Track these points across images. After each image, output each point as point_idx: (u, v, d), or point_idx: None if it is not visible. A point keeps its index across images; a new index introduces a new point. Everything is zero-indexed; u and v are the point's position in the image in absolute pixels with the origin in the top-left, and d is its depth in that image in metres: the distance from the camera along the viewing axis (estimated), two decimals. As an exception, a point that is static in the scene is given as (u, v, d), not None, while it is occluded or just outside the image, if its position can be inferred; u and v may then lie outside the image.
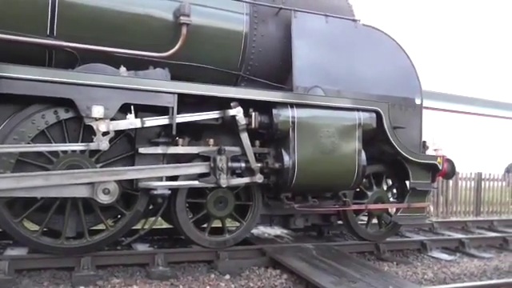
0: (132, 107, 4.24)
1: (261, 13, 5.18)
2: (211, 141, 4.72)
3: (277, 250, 5.08)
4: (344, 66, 5.35)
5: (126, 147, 4.50)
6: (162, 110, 4.37)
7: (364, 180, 5.52)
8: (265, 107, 4.78)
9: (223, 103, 4.62)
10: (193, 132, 4.77)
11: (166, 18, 4.66)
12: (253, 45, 5.11)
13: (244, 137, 4.72)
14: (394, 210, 6.00)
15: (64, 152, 4.18)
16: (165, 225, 6.14)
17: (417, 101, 5.75)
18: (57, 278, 4.19)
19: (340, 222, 6.08)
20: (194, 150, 4.67)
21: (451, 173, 6.01)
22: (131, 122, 4.26)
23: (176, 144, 4.56)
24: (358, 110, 5.14)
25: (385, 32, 5.67)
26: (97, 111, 4.09)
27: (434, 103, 19.87)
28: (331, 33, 5.35)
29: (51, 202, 4.19)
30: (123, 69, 4.34)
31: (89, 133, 4.18)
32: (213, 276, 4.48)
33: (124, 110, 4.23)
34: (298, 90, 5.00)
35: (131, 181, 4.39)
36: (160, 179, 4.45)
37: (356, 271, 4.37)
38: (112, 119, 4.17)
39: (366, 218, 6.12)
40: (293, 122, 4.79)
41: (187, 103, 4.51)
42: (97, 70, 4.23)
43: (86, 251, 4.38)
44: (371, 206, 5.74)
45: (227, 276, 4.49)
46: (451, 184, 10.96)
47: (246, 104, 4.69)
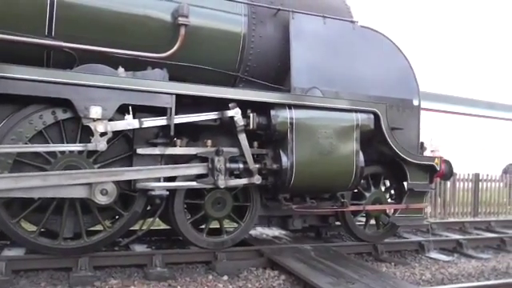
0: (130, 108, 4.24)
1: (259, 14, 5.19)
2: (209, 142, 4.72)
3: (275, 251, 5.09)
4: (342, 68, 5.35)
5: (124, 148, 4.49)
6: (160, 111, 4.37)
7: (362, 181, 5.53)
8: (263, 108, 4.79)
9: (221, 104, 4.62)
10: (191, 133, 4.77)
11: (165, 19, 4.66)
12: (251, 46, 5.11)
13: (242, 138, 4.72)
14: (392, 211, 6.00)
15: (62, 152, 4.17)
16: (162, 226, 6.13)
17: (414, 102, 5.77)
18: (54, 279, 4.19)
19: (338, 223, 6.08)
20: (192, 151, 4.66)
21: (449, 174, 6.02)
22: (129, 123, 4.25)
23: (174, 145, 4.56)
24: (356, 111, 5.15)
25: (383, 33, 5.68)
26: (95, 112, 4.08)
27: (432, 104, 19.92)
28: (329, 34, 5.36)
29: (49, 203, 4.17)
30: (121, 69, 4.33)
31: (87, 133, 4.17)
32: (211, 277, 4.48)
33: (122, 111, 4.22)
34: (296, 91, 5.00)
35: (129, 181, 4.38)
36: (158, 180, 4.45)
37: (354, 272, 4.38)
38: (110, 120, 4.17)
39: (364, 219, 6.13)
40: (291, 123, 4.80)
41: (185, 104, 4.51)
42: (95, 71, 4.22)
43: (84, 252, 4.37)
44: (369, 207, 5.74)
45: (225, 277, 4.48)
46: (449, 185, 10.99)
47: (244, 105, 4.69)
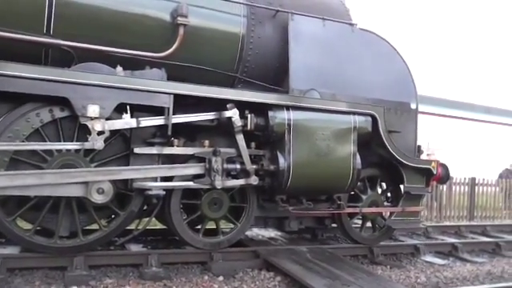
0: (128, 107, 4.23)
1: (258, 15, 5.19)
2: (206, 142, 4.72)
3: (271, 253, 5.08)
4: (340, 70, 5.36)
5: (121, 147, 4.49)
6: (158, 111, 4.36)
7: (359, 183, 5.53)
8: (261, 109, 4.79)
9: (219, 104, 4.62)
10: (188, 133, 4.76)
11: (164, 19, 4.65)
12: (250, 47, 5.11)
13: (239, 138, 4.72)
14: (388, 214, 6.01)
15: (58, 151, 4.16)
16: (159, 225, 6.12)
17: (412, 105, 5.77)
18: (49, 278, 4.17)
19: (334, 225, 6.08)
20: (189, 151, 4.66)
21: (445, 177, 6.04)
22: (127, 122, 4.25)
23: (171, 145, 4.56)
24: (354, 114, 5.16)
25: (381, 36, 5.69)
26: (92, 110, 4.07)
27: (429, 108, 19.96)
28: (328, 36, 5.37)
29: (45, 201, 4.17)
30: (120, 68, 4.32)
31: (84, 132, 4.16)
32: (206, 277, 4.47)
33: (120, 110, 4.22)
34: (294, 93, 5.01)
35: (126, 181, 4.38)
36: (155, 180, 4.44)
37: (349, 274, 4.38)
38: (107, 119, 4.16)
39: (361, 222, 6.14)
40: (288, 125, 4.80)
41: (183, 104, 4.51)
42: (93, 69, 4.21)
43: (79, 251, 4.36)
44: (365, 210, 5.75)
45: (221, 278, 4.48)
46: (445, 188, 11.02)
47: (242, 106, 4.70)
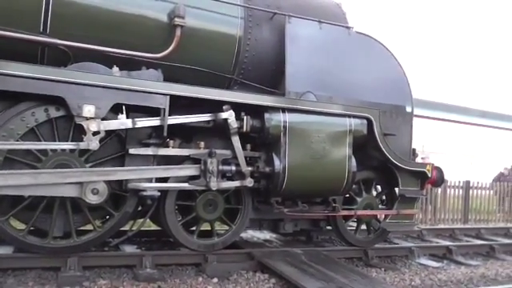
0: (123, 107, 4.22)
1: (255, 17, 5.20)
2: (202, 143, 4.71)
3: (265, 254, 5.08)
4: (336, 73, 5.37)
5: (117, 147, 4.47)
6: (154, 111, 4.35)
7: (354, 186, 5.54)
8: (257, 111, 4.79)
9: (215, 106, 4.62)
10: (184, 134, 4.75)
11: (161, 19, 4.65)
12: (246, 48, 5.12)
13: (235, 140, 4.72)
14: (383, 217, 6.03)
15: (53, 150, 4.14)
16: (153, 227, 6.10)
17: (407, 108, 5.80)
18: (42, 279, 4.14)
19: (329, 228, 6.09)
20: (185, 152, 4.65)
21: (440, 180, 6.06)
22: (122, 123, 4.24)
23: (167, 146, 4.55)
24: (350, 117, 5.17)
25: (378, 40, 5.72)
26: (88, 110, 4.06)
27: (425, 111, 20.03)
28: (325, 39, 5.39)
29: (39, 201, 4.14)
30: (116, 68, 4.32)
31: (79, 132, 4.14)
32: (200, 279, 4.46)
33: (115, 110, 4.21)
34: (291, 95, 5.02)
35: (120, 181, 4.36)
36: (150, 180, 4.43)
37: (344, 277, 4.38)
38: (103, 119, 4.15)
39: (355, 224, 6.15)
40: (284, 127, 4.81)
41: (179, 105, 4.50)
42: (89, 69, 4.20)
43: (73, 251, 4.33)
44: (360, 212, 5.76)
45: (215, 279, 4.47)
46: (440, 192, 11.05)
47: (238, 107, 4.70)
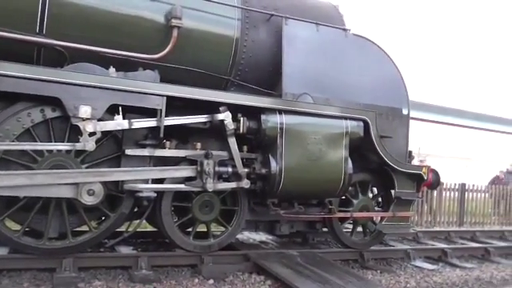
0: (120, 108, 4.21)
1: (252, 18, 5.20)
2: (198, 144, 4.70)
3: (261, 256, 5.08)
4: (333, 75, 5.38)
5: (113, 148, 4.46)
6: (150, 112, 4.35)
7: (350, 188, 5.55)
8: (253, 113, 4.79)
9: (211, 107, 4.62)
10: (180, 135, 4.75)
11: (158, 20, 4.65)
12: (243, 50, 5.12)
13: (232, 141, 4.72)
14: (379, 219, 6.04)
15: (49, 151, 4.13)
16: (149, 228, 6.09)
17: (404, 111, 5.81)
18: (38, 280, 4.13)
19: (325, 230, 6.09)
20: (181, 154, 4.65)
21: (436, 183, 6.08)
22: (119, 123, 4.23)
23: (163, 147, 4.54)
24: (346, 119, 5.18)
25: (374, 42, 5.73)
26: (84, 111, 4.05)
27: (420, 114, 20.09)
28: (322, 41, 5.39)
29: (34, 202, 4.13)
30: (112, 69, 4.31)
31: (75, 133, 4.13)
32: (196, 280, 4.45)
33: (112, 111, 4.20)
34: (287, 97, 5.02)
35: (117, 182, 4.36)
36: (146, 181, 4.42)
37: (340, 279, 4.39)
38: (99, 120, 4.14)
39: (351, 226, 6.15)
40: (281, 129, 4.81)
41: (175, 106, 4.49)
42: (86, 70, 4.19)
43: (69, 252, 4.32)
44: (356, 214, 5.77)
45: (211, 281, 4.46)
46: (435, 194, 11.08)
47: (235, 109, 4.70)
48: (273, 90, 5.30)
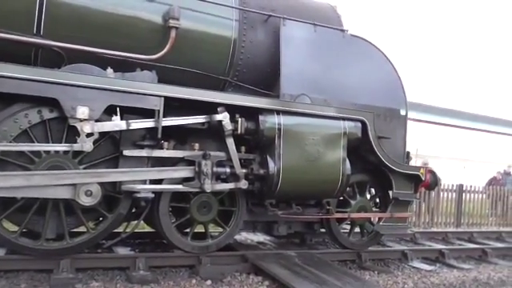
0: (118, 109, 4.21)
1: (250, 19, 5.20)
2: (196, 145, 4.71)
3: (259, 257, 5.08)
4: (331, 75, 5.38)
5: (111, 149, 4.46)
6: (148, 113, 4.35)
7: (348, 189, 5.55)
8: (251, 113, 4.79)
9: (209, 108, 4.62)
10: (178, 136, 4.75)
11: (155, 21, 4.65)
12: (241, 51, 5.12)
13: (230, 142, 4.72)
14: (377, 220, 6.04)
15: (47, 152, 4.12)
16: (147, 228, 6.08)
17: (402, 112, 5.82)
18: (35, 281, 4.12)
19: (323, 230, 6.10)
20: (179, 154, 4.65)
21: (434, 184, 6.09)
22: (116, 124, 4.22)
23: (161, 147, 4.54)
24: (344, 119, 5.18)
25: (372, 43, 5.74)
26: (81, 112, 4.04)
27: (418, 115, 20.14)
28: (319, 42, 5.39)
29: (32, 203, 4.12)
30: (110, 70, 4.31)
31: (73, 133, 4.13)
32: (194, 281, 4.45)
33: (109, 112, 4.19)
34: (285, 98, 5.02)
35: (114, 183, 4.35)
36: (144, 182, 4.42)
37: (337, 279, 4.39)
38: (97, 120, 4.13)
39: (349, 227, 6.16)
40: (279, 129, 4.81)
41: (173, 107, 4.49)
42: (83, 71, 4.19)
43: (66, 253, 4.31)
44: (354, 215, 5.77)
45: (209, 281, 4.46)
46: (433, 195, 11.10)
47: (233, 109, 4.70)
48: (271, 91, 5.30)
